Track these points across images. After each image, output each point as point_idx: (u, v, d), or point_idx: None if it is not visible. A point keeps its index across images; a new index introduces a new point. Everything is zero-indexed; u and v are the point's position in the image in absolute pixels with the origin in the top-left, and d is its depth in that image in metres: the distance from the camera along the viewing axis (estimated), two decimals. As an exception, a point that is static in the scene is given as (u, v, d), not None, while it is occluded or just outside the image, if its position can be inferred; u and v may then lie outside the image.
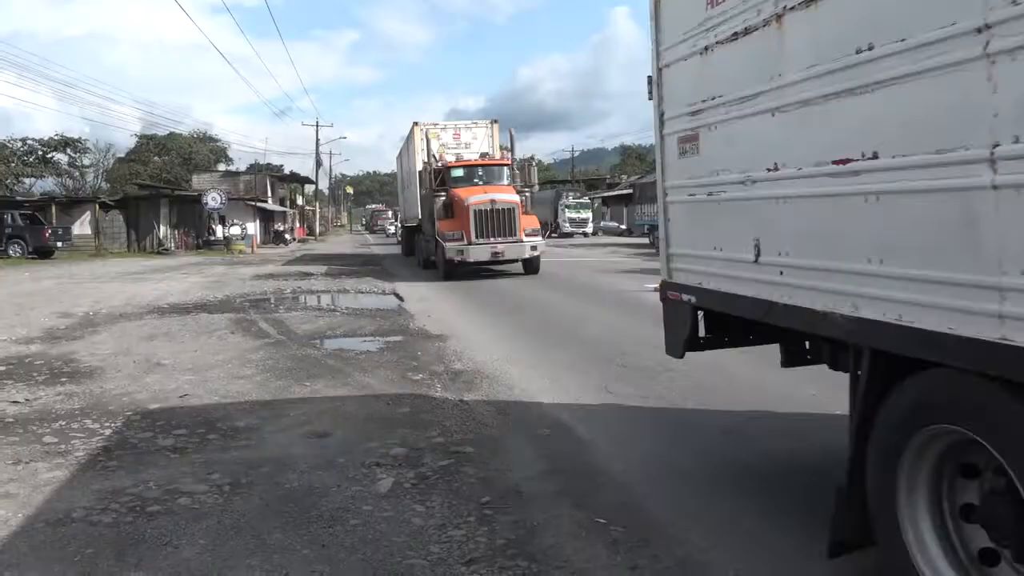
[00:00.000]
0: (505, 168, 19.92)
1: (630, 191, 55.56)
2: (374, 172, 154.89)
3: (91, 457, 5.10)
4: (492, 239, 17.69)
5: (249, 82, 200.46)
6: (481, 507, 4.07)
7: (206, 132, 69.35)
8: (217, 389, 7.06)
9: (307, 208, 70.71)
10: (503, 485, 4.41)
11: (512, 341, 9.52)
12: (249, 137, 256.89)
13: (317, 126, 65.79)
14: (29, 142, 55.58)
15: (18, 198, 43.02)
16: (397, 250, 34.39)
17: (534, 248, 18.20)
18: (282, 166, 72.67)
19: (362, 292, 16.81)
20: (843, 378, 3.19)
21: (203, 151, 64.79)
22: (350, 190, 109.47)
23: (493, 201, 17.84)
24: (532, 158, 23.93)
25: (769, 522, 3.79)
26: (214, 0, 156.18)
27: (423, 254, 22.14)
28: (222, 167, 63.02)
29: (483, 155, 21.13)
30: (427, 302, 14.13)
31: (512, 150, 20.66)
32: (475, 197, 17.87)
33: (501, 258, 18.12)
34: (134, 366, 8.29)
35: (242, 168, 63.12)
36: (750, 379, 6.96)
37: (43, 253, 32.56)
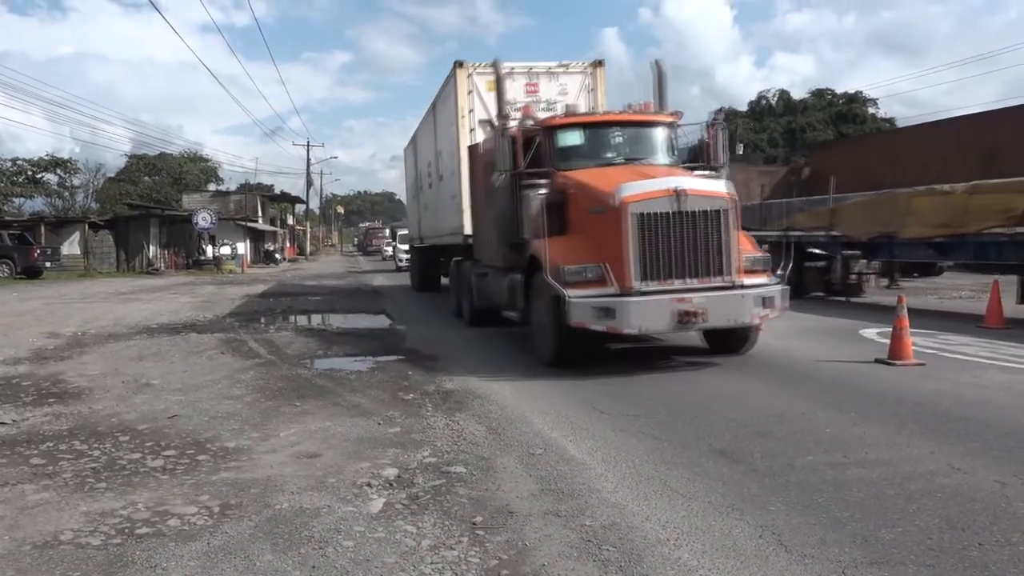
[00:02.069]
0: (665, 130, 9.85)
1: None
2: (365, 192, 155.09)
3: (79, 479, 5.05)
4: (677, 282, 8.05)
5: (240, 102, 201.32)
6: (473, 527, 4.06)
7: (197, 152, 69.17)
8: (207, 410, 7.02)
9: (298, 228, 70.66)
10: (495, 505, 4.40)
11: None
12: (240, 157, 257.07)
13: (308, 146, 65.95)
14: (19, 162, 55.38)
15: (7, 218, 42.79)
16: (398, 277, 28.48)
17: (765, 302, 8.22)
18: (272, 186, 72.71)
19: (352, 312, 16.76)
20: (834, 399, 3.21)
21: (193, 171, 64.64)
22: (341, 210, 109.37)
23: (679, 195, 7.97)
24: (722, 112, 10.28)
25: (764, 540, 3.79)
26: (205, 20, 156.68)
27: (473, 297, 12.32)
28: (212, 187, 62.88)
29: (627, 107, 10.13)
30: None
31: (662, 98, 10.35)
32: (636, 188, 8.14)
33: (694, 325, 8.14)
34: (123, 387, 8.23)
35: (232, 188, 63.06)
36: (744, 398, 6.99)
37: (32, 273, 32.35)
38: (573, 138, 9.64)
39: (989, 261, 10.69)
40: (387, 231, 55.57)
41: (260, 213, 53.88)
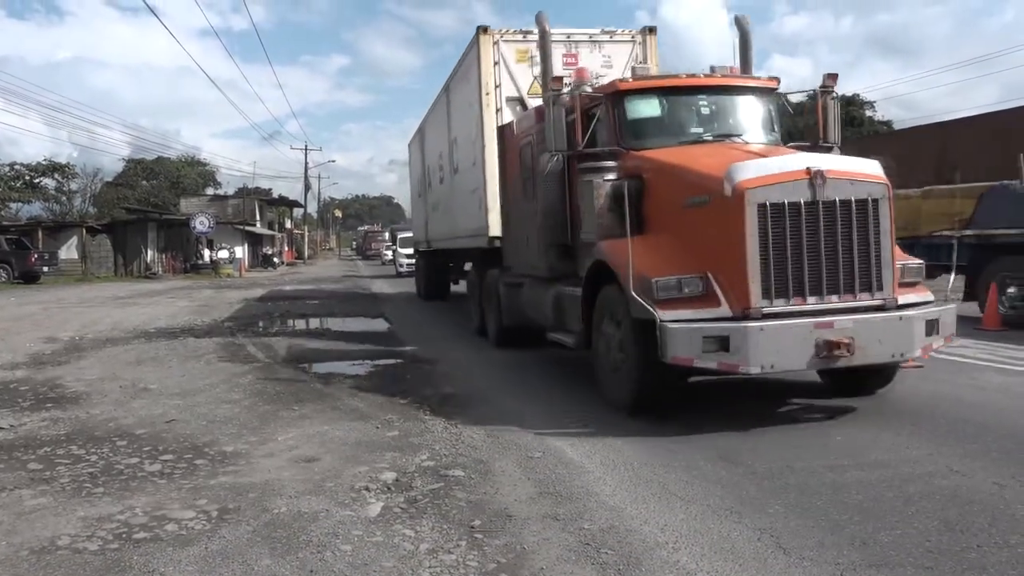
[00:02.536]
0: (765, 99, 7.71)
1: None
2: (363, 196, 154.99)
3: (77, 484, 5.04)
4: (815, 300, 5.90)
5: (238, 106, 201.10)
6: (471, 531, 4.06)
7: (194, 156, 69.24)
8: (205, 414, 7.01)
9: (296, 232, 70.64)
10: (493, 508, 4.40)
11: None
12: (238, 161, 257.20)
13: (306, 150, 65.97)
14: (17, 167, 55.37)
15: (4, 223, 42.74)
16: (399, 284, 26.57)
17: (931, 328, 6.13)
18: (271, 190, 72.74)
19: (350, 316, 16.75)
20: (829, 402, 3.21)
21: (191, 175, 64.64)
22: (339, 213, 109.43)
23: (818, 178, 5.85)
24: (836, 78, 7.65)
25: (762, 543, 3.79)
26: (203, 24, 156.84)
27: (501, 313, 10.40)
28: (210, 191, 62.91)
29: (712, 69, 7.76)
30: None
31: (747, 64, 8.40)
32: (757, 168, 5.97)
33: (841, 360, 5.78)
34: (120, 391, 8.22)
35: (230, 192, 63.04)
36: (744, 404, 6.99)
37: (29, 278, 32.31)
38: (649, 108, 7.39)
39: (941, 262, 11.19)
40: (387, 234, 52.35)
41: (258, 217, 53.85)
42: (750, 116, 7.58)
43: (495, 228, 10.78)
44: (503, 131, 10.16)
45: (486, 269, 11.46)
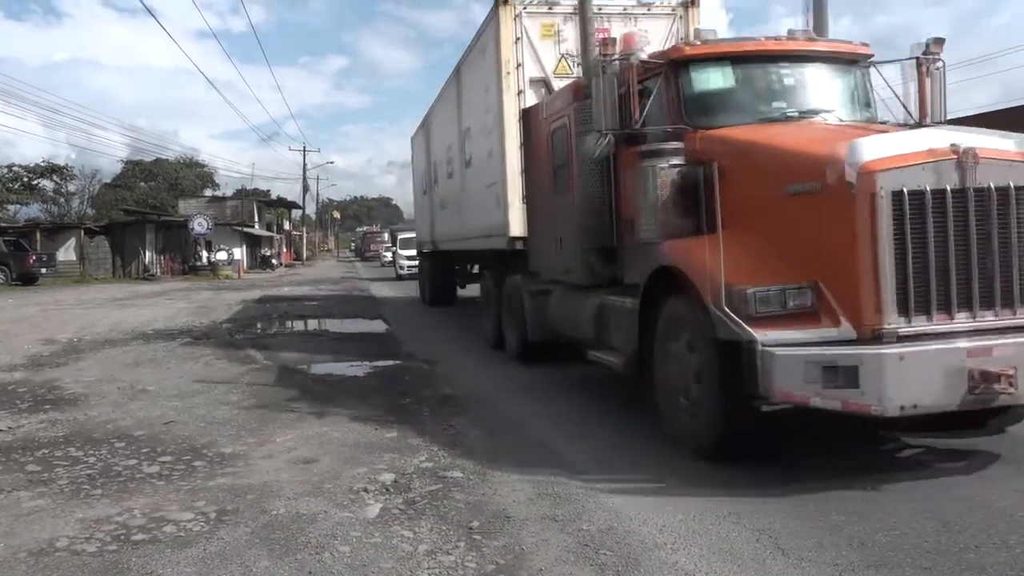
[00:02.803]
0: (856, 70, 6.36)
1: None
2: (361, 197, 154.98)
3: (75, 485, 5.03)
4: (969, 318, 4.55)
5: (236, 107, 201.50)
6: (470, 532, 4.06)
7: (193, 157, 69.17)
8: (203, 415, 7.00)
9: (294, 233, 70.60)
10: (492, 509, 4.39)
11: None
12: (236, 162, 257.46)
13: (304, 151, 65.82)
14: (15, 169, 55.35)
15: (2, 224, 42.70)
16: (400, 287, 25.66)
17: None
18: (269, 191, 72.69)
19: (349, 317, 16.74)
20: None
21: (189, 176, 64.59)
22: (337, 215, 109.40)
23: (963, 157, 4.52)
24: (941, 44, 6.23)
25: (761, 544, 3.79)
26: (201, 26, 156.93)
27: (526, 325, 9.02)
28: (209, 192, 62.86)
29: (790, 33, 6.41)
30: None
31: (822, 21, 7.02)
32: (885, 146, 4.64)
33: (1004, 398, 4.40)
34: (119, 393, 8.21)
35: (229, 193, 63.07)
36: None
37: (27, 279, 32.26)
38: (719, 78, 6.06)
39: None
40: (386, 235, 50.96)
41: (256, 218, 53.81)
42: (841, 89, 6.25)
43: (516, 227, 9.56)
44: (528, 115, 8.90)
45: (504, 274, 10.13)
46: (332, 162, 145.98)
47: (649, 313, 5.64)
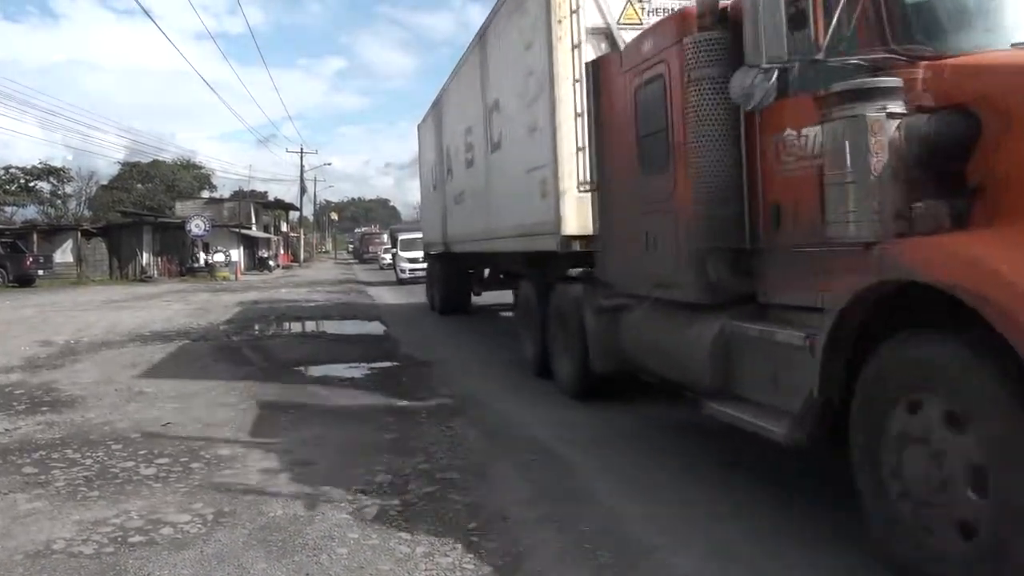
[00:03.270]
0: None
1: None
2: (359, 198, 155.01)
3: (72, 487, 5.02)
4: None
5: (233, 109, 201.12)
6: (468, 533, 4.05)
7: (190, 159, 69.12)
8: (200, 417, 6.99)
9: (292, 235, 70.56)
10: (490, 510, 4.38)
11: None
12: (233, 164, 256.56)
13: (302, 153, 65.77)
14: (11, 170, 55.29)
15: (-1, 226, 42.68)
16: (401, 293, 23.44)
17: None
18: (266, 193, 72.48)
19: (346, 318, 16.72)
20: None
21: (187, 178, 64.55)
22: (335, 216, 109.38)
23: None
24: None
25: (763, 547, 3.79)
26: (198, 27, 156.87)
27: (588, 351, 6.71)
28: (206, 194, 62.84)
29: None
30: None
31: None
32: None
33: None
34: (116, 395, 8.19)
35: (226, 195, 62.99)
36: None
37: (24, 281, 32.24)
38: None
39: None
40: (385, 236, 47.47)
41: (254, 220, 53.73)
42: None
43: (572, 223, 7.29)
44: (599, 69, 6.68)
45: (551, 283, 8.01)
46: (330, 163, 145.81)
47: (838, 355, 3.58)
